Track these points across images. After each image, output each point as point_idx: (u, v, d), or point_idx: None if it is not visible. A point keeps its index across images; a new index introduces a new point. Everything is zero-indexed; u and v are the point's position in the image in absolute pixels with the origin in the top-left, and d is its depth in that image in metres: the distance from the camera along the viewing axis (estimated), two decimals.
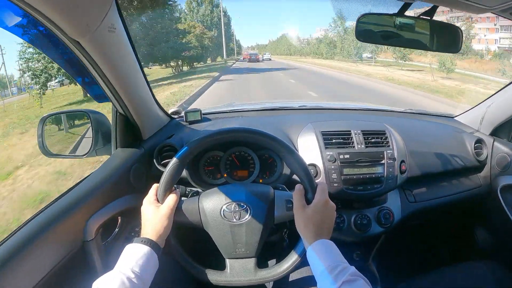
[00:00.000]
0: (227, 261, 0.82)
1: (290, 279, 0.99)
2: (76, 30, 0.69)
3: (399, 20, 0.91)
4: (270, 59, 36.83)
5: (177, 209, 0.79)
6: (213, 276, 0.80)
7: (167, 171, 0.78)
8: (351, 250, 1.23)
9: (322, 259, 0.69)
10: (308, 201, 0.77)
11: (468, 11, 0.85)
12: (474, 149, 1.31)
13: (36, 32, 0.78)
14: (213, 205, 0.80)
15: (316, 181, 0.80)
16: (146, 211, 0.78)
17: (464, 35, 0.96)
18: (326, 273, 0.66)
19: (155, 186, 0.82)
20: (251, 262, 0.81)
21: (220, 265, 0.83)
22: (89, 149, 1.04)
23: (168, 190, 0.79)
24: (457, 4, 0.79)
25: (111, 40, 0.78)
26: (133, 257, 0.70)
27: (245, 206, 0.80)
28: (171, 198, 0.79)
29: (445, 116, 1.53)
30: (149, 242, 0.73)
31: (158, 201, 0.80)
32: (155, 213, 0.77)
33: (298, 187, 0.79)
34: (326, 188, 0.79)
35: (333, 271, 0.65)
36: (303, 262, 0.78)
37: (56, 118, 1.12)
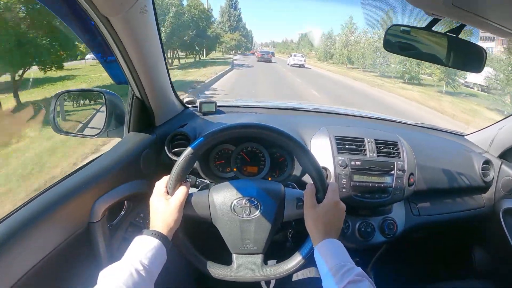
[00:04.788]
0: (234, 256, 0.81)
1: (293, 279, 0.99)
2: (109, 8, 0.68)
3: (426, 34, 0.91)
4: (302, 66, 24.76)
5: (187, 202, 0.78)
6: (219, 270, 0.80)
7: (178, 163, 0.77)
8: (351, 256, 1.23)
9: (329, 258, 0.69)
10: (319, 200, 0.77)
11: (494, 34, 0.85)
12: (482, 170, 1.32)
13: (65, 4, 0.77)
14: (224, 199, 0.80)
15: (326, 179, 0.80)
16: (156, 204, 0.76)
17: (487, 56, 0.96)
18: (332, 272, 0.66)
19: (165, 178, 0.80)
20: (258, 258, 0.80)
21: (226, 260, 0.82)
22: (101, 130, 1.02)
23: (178, 182, 0.78)
24: (484, 26, 0.79)
25: (142, 22, 0.77)
26: (143, 249, 0.68)
27: (255, 202, 0.79)
28: (181, 191, 0.77)
29: (456, 134, 1.54)
30: (159, 235, 0.71)
31: (168, 193, 0.78)
32: (165, 205, 0.75)
33: (309, 186, 0.79)
34: (337, 188, 0.79)
35: (339, 270, 0.65)
36: (308, 262, 0.78)
37: (71, 95, 1.10)
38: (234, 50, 41.96)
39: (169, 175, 0.79)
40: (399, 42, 0.93)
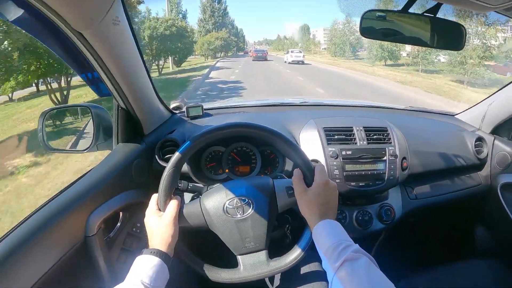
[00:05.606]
0: (239, 257, 0.81)
1: (298, 275, 0.99)
2: (81, 22, 0.68)
3: (403, 16, 0.91)
4: (301, 62, 22.59)
5: (180, 214, 0.79)
6: (227, 274, 0.79)
7: (163, 180, 0.78)
8: None
9: (325, 238, 0.68)
10: (308, 185, 0.76)
11: (471, 9, 0.85)
12: (475, 147, 1.31)
13: (39, 24, 0.77)
14: (215, 203, 0.80)
15: (310, 161, 0.80)
16: (150, 223, 0.77)
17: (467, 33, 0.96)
18: (329, 252, 0.65)
19: (154, 196, 0.81)
20: (263, 254, 0.80)
21: (232, 263, 0.82)
22: (90, 144, 1.02)
23: (168, 197, 0.78)
24: (461, 2, 0.79)
25: (115, 33, 0.77)
26: (143, 268, 0.69)
27: (247, 200, 0.80)
28: (172, 205, 0.77)
29: (446, 114, 1.53)
30: (158, 253, 0.72)
31: (160, 210, 0.79)
32: (159, 222, 0.76)
33: (296, 172, 0.79)
34: (324, 168, 0.79)
35: (336, 249, 0.64)
36: (312, 257, 0.78)
37: (58, 112, 1.11)
38: (222, 51, 34.47)
39: (157, 193, 0.79)
40: (376, 27, 0.93)
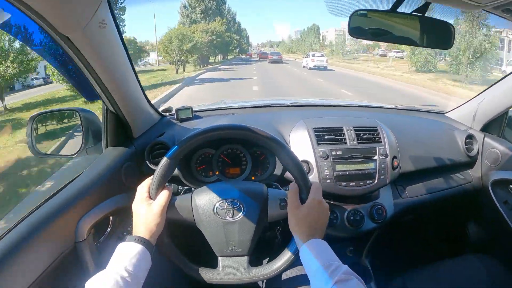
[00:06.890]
0: (220, 259, 0.81)
1: (282, 278, 0.99)
2: (67, 26, 0.68)
3: (392, 16, 0.91)
4: (324, 68, 20.26)
5: (170, 205, 0.78)
6: (205, 274, 0.80)
7: (160, 167, 0.77)
8: (344, 246, 1.24)
9: (315, 258, 0.69)
10: (302, 201, 0.77)
11: (460, 8, 0.85)
12: (465, 145, 1.32)
13: (25, 28, 0.76)
14: (206, 202, 0.80)
15: (309, 178, 0.80)
16: (138, 209, 0.77)
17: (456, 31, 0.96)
18: (320, 272, 0.66)
19: (147, 181, 0.80)
20: (244, 260, 0.81)
21: (212, 263, 0.82)
22: (80, 148, 1.02)
23: (160, 187, 0.78)
24: (449, 1, 0.80)
25: (102, 36, 0.77)
26: (126, 255, 0.69)
27: (238, 204, 0.79)
28: (164, 195, 0.77)
29: (436, 113, 1.55)
30: (142, 241, 0.72)
31: (150, 197, 0.78)
32: (147, 210, 0.76)
33: (292, 186, 0.79)
34: (321, 188, 0.79)
35: (327, 270, 0.65)
36: (296, 261, 0.78)
37: (46, 117, 1.09)
38: (216, 54, 24.45)
39: (151, 178, 0.79)
40: (365, 27, 0.93)
